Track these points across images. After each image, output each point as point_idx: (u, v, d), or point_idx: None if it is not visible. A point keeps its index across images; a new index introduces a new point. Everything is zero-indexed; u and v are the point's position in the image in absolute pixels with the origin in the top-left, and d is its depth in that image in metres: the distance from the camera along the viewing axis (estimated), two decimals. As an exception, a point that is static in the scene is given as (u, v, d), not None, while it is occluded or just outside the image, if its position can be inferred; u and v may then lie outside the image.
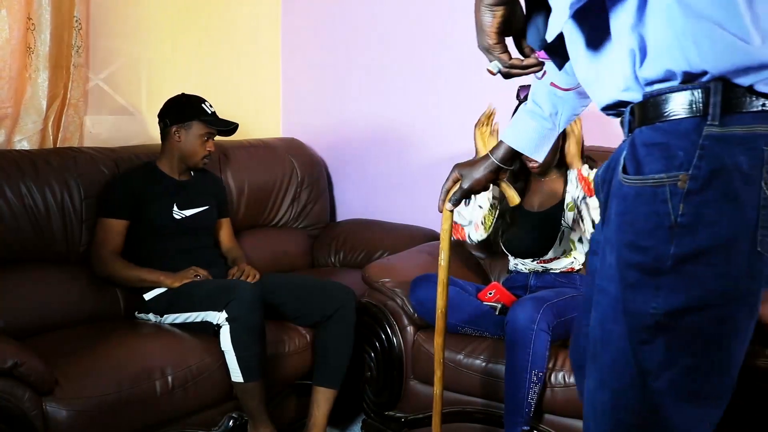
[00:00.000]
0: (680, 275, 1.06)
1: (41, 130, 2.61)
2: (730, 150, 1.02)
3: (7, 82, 2.46)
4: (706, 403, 1.12)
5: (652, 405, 1.11)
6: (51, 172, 2.46)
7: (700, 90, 1.04)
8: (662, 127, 1.07)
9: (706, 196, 1.03)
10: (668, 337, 1.08)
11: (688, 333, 1.08)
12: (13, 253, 2.37)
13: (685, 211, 1.04)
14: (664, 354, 1.09)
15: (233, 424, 2.28)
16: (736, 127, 1.03)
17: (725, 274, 1.05)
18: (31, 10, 2.51)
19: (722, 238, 1.04)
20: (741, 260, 1.05)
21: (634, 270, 1.09)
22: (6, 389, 1.79)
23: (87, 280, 2.48)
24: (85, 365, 2.04)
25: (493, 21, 1.21)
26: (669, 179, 1.05)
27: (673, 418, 1.11)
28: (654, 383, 1.10)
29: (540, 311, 2.11)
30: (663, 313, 1.07)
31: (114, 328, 2.36)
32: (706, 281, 1.05)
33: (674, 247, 1.05)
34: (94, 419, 1.94)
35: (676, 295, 1.06)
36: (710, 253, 1.04)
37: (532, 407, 2.10)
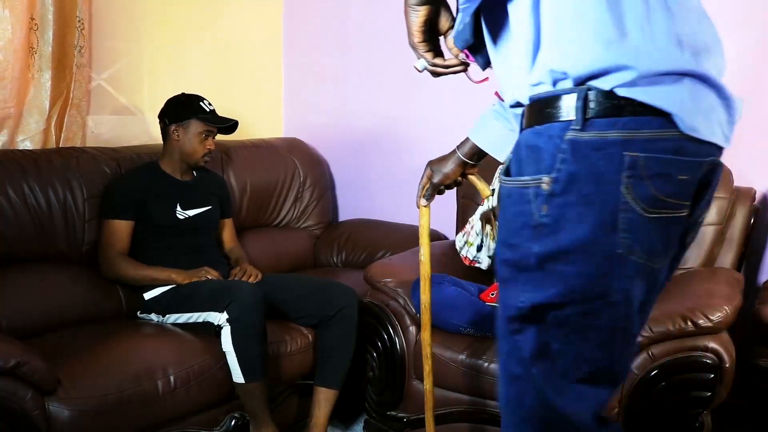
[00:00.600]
0: (544, 272, 1.10)
1: (44, 130, 2.62)
2: (590, 155, 1.05)
3: (10, 82, 2.46)
4: (589, 385, 1.16)
5: (538, 389, 1.17)
6: (53, 171, 2.46)
7: (569, 94, 1.06)
8: (539, 130, 1.09)
9: (566, 199, 1.06)
10: (537, 327, 1.14)
11: (554, 325, 1.13)
12: (16, 252, 2.37)
13: (548, 212, 1.08)
14: (536, 342, 1.15)
15: (235, 424, 2.28)
16: (594, 133, 1.05)
17: (587, 273, 1.08)
18: (34, 11, 2.52)
19: (582, 240, 1.07)
20: (602, 261, 1.08)
21: (507, 266, 1.15)
22: (9, 389, 1.79)
23: (89, 279, 2.48)
24: (87, 365, 2.05)
25: (417, 20, 1.26)
26: (534, 181, 1.08)
27: (556, 401, 1.17)
28: (533, 369, 1.16)
29: None
30: (529, 307, 1.12)
31: (116, 327, 2.36)
32: (568, 279, 1.09)
33: (537, 246, 1.09)
34: (97, 419, 1.94)
35: (541, 291, 1.11)
36: (571, 253, 1.08)
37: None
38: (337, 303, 2.45)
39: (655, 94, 1.04)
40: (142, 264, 2.49)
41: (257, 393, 2.23)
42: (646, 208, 1.06)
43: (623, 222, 1.06)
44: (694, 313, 2.04)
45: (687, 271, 2.47)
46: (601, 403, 1.20)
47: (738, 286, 2.31)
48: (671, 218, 1.09)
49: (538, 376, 1.17)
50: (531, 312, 1.13)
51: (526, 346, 1.16)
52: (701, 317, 2.03)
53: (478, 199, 2.70)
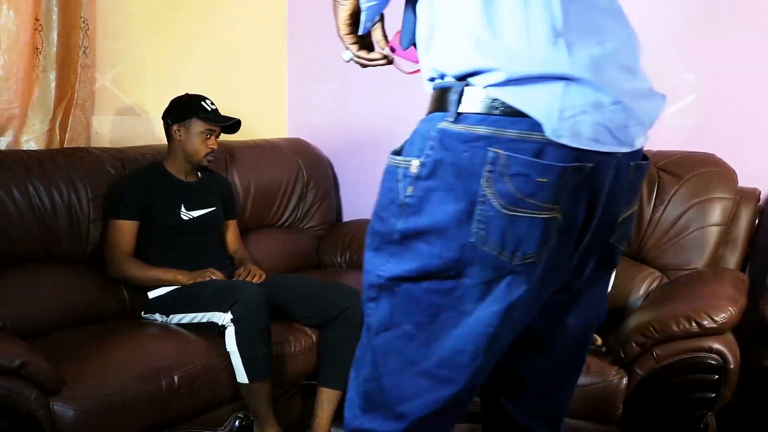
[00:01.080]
0: (405, 248, 1.16)
1: (48, 130, 2.62)
2: (456, 146, 1.10)
3: (15, 82, 2.46)
4: (427, 378, 1.19)
5: (374, 361, 1.22)
6: (58, 172, 2.46)
7: (450, 89, 1.12)
8: (426, 118, 1.16)
9: (430, 184, 1.12)
10: (392, 300, 1.19)
11: (408, 299, 1.17)
12: (20, 252, 2.38)
13: (412, 193, 1.14)
14: (387, 315, 1.20)
15: (239, 424, 2.28)
16: (465, 126, 1.10)
17: (441, 255, 1.13)
18: (39, 11, 2.52)
19: (440, 224, 1.12)
20: (456, 247, 1.12)
21: (375, 236, 1.21)
22: (13, 389, 1.79)
23: (94, 279, 2.49)
24: (91, 365, 2.05)
25: (343, 14, 1.33)
26: (405, 163, 1.14)
27: (386, 379, 1.21)
28: (374, 340, 1.22)
29: None
30: (388, 278, 1.18)
31: (120, 327, 2.37)
32: (424, 258, 1.14)
33: (401, 223, 1.16)
34: (101, 419, 1.94)
35: (400, 265, 1.17)
36: (428, 234, 1.14)
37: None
38: (341, 303, 2.44)
39: (521, 96, 1.07)
40: (147, 264, 2.49)
41: (261, 393, 2.23)
42: (504, 205, 1.09)
43: (479, 214, 1.10)
44: (699, 314, 2.03)
45: (691, 272, 2.46)
46: (437, 409, 1.20)
47: (742, 286, 2.31)
48: (536, 219, 1.10)
49: (378, 349, 1.21)
50: (388, 282, 1.18)
51: (375, 316, 1.21)
52: (706, 318, 2.03)
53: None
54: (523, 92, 1.07)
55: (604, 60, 1.11)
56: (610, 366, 2.15)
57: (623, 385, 2.11)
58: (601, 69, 1.10)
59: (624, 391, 2.11)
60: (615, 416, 2.13)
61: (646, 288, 2.52)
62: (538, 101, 1.07)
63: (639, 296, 2.51)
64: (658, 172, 2.58)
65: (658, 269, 2.54)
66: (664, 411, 2.07)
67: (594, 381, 2.14)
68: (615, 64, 1.12)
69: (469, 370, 1.20)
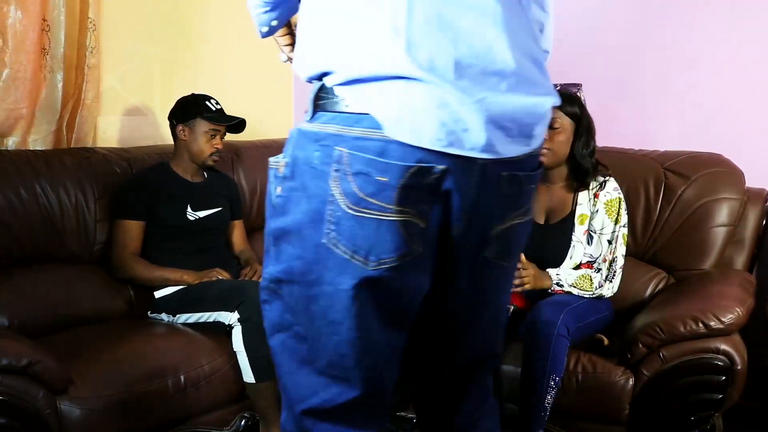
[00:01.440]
0: (277, 249, 1.19)
1: (55, 130, 2.63)
2: (309, 145, 1.12)
3: (23, 83, 2.47)
4: (323, 376, 1.21)
5: (275, 362, 1.27)
6: (65, 172, 2.47)
7: (312, 88, 1.16)
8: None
9: (292, 184, 1.15)
10: (280, 301, 1.22)
11: (290, 301, 1.20)
12: (28, 252, 2.38)
13: (280, 193, 1.17)
14: (278, 316, 1.23)
15: (245, 424, 2.29)
16: (318, 124, 1.12)
17: (301, 257, 1.16)
18: (46, 12, 2.52)
19: (298, 224, 1.15)
20: (312, 247, 1.14)
21: (265, 238, 1.24)
22: (20, 388, 1.80)
23: (100, 279, 2.49)
24: (98, 364, 2.06)
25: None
26: (275, 164, 1.18)
27: (286, 378, 1.26)
28: (270, 341, 1.26)
29: (560, 316, 2.09)
30: (269, 278, 1.22)
31: (127, 327, 2.37)
32: (290, 259, 1.17)
33: (273, 223, 1.19)
34: (108, 418, 1.95)
35: (275, 266, 1.20)
36: (290, 235, 1.16)
37: (548, 411, 2.09)
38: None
39: (362, 95, 1.08)
40: (153, 264, 2.50)
41: (268, 393, 2.23)
42: (348, 205, 1.09)
43: (329, 214, 1.11)
44: (706, 315, 2.03)
45: (698, 273, 2.45)
46: (337, 407, 1.22)
47: (750, 287, 2.30)
48: (383, 221, 1.09)
49: (275, 349, 1.26)
50: (272, 284, 1.22)
51: (268, 317, 1.26)
52: (713, 319, 2.02)
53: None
54: (363, 90, 1.08)
55: (457, 60, 1.08)
56: (616, 366, 2.15)
57: (630, 386, 2.11)
58: (451, 69, 1.07)
59: (630, 391, 2.11)
60: (621, 417, 2.13)
61: (653, 289, 2.52)
62: (377, 100, 1.08)
63: (645, 297, 2.51)
64: (665, 172, 2.57)
65: (664, 270, 2.54)
66: (671, 412, 2.06)
67: (601, 381, 2.13)
68: (473, 65, 1.09)
69: (359, 373, 1.20)
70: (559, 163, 2.35)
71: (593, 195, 2.32)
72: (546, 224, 2.39)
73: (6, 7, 2.40)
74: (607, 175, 2.34)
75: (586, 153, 2.32)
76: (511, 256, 1.28)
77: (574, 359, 2.15)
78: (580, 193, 2.35)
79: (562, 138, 2.30)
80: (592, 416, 2.17)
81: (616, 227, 2.29)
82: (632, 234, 2.58)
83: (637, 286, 2.53)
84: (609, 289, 2.28)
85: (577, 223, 2.33)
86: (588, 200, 2.33)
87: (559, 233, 2.35)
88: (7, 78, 2.43)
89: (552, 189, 2.40)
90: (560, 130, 2.29)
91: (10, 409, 1.78)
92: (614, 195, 2.31)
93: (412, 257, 1.13)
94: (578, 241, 2.33)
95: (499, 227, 1.20)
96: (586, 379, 2.15)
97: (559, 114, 2.29)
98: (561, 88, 2.34)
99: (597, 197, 2.31)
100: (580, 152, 2.32)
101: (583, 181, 2.34)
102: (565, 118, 2.30)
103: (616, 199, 2.30)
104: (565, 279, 2.28)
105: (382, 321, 1.18)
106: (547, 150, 2.29)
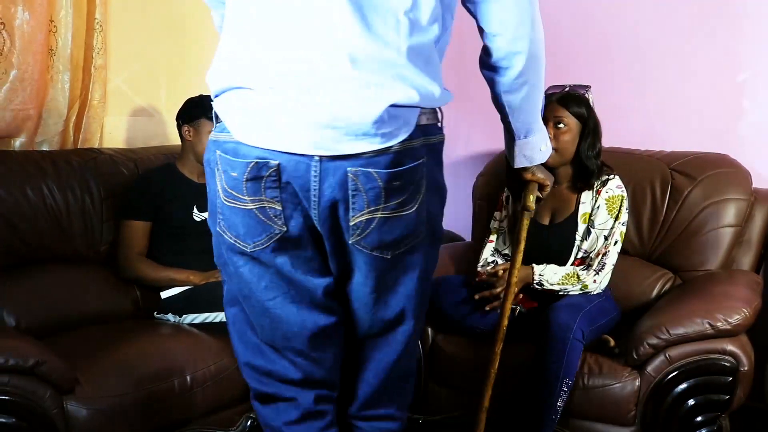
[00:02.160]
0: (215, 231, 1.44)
1: (62, 131, 2.64)
2: (208, 150, 1.38)
3: (30, 83, 2.48)
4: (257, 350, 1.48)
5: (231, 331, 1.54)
6: (71, 172, 2.48)
7: None
8: None
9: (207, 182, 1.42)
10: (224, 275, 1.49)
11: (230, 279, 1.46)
12: (34, 252, 2.39)
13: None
14: (228, 292, 1.51)
15: (251, 425, 2.29)
16: (216, 132, 1.37)
17: (215, 243, 1.45)
18: (54, 13, 2.53)
19: (209, 216, 1.44)
20: (215, 234, 1.43)
21: None
22: (27, 388, 1.80)
23: (106, 279, 2.50)
24: (105, 364, 2.06)
25: None
26: None
27: (236, 347, 1.54)
28: (226, 313, 1.54)
29: (576, 320, 2.08)
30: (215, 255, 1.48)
31: (133, 327, 2.38)
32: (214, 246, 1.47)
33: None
34: (114, 418, 1.95)
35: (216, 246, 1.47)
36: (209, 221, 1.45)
37: (558, 414, 2.09)
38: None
39: (219, 106, 1.35)
40: (159, 265, 2.50)
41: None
42: (224, 198, 1.35)
43: (218, 206, 1.37)
44: (713, 316, 2.03)
45: (705, 274, 2.45)
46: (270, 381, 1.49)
47: (757, 288, 2.30)
48: (244, 210, 1.33)
49: (228, 320, 1.53)
50: (217, 260, 1.48)
51: (225, 290, 1.52)
52: (719, 320, 2.02)
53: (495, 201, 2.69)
54: (219, 102, 1.36)
55: (281, 69, 1.26)
56: (622, 367, 2.15)
57: (636, 387, 2.11)
58: (277, 77, 1.26)
59: (637, 392, 2.11)
60: (628, 418, 2.12)
61: (659, 289, 2.51)
62: (225, 108, 1.34)
63: (652, 297, 2.50)
64: (671, 172, 2.57)
65: (671, 270, 2.53)
66: (678, 413, 2.06)
67: (607, 382, 2.13)
68: (287, 68, 1.26)
69: (284, 353, 1.46)
70: (563, 163, 2.35)
71: (596, 192, 2.32)
72: (550, 224, 2.40)
73: (14, 8, 2.41)
74: (611, 174, 2.34)
75: (592, 154, 2.32)
76: (384, 247, 1.35)
77: (580, 360, 2.14)
78: (583, 193, 2.35)
79: (568, 138, 2.30)
80: (599, 417, 2.16)
81: (615, 224, 2.28)
82: (638, 234, 2.57)
83: (644, 286, 2.52)
84: (596, 283, 2.27)
85: (580, 223, 2.33)
86: (591, 198, 2.33)
87: (563, 233, 2.35)
88: (14, 79, 2.44)
89: (556, 189, 2.38)
90: (566, 129, 2.29)
91: (18, 409, 1.78)
92: (617, 192, 2.31)
93: (282, 235, 1.34)
94: (582, 240, 2.33)
95: (357, 218, 1.31)
96: (592, 379, 2.14)
97: (566, 114, 2.29)
98: (570, 89, 2.35)
99: (599, 194, 2.31)
100: (585, 153, 2.31)
101: (587, 182, 2.34)
102: (572, 118, 2.30)
103: (618, 197, 2.30)
104: (548, 279, 2.28)
105: (286, 297, 1.40)
106: (552, 150, 2.28)
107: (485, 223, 2.70)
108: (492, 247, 2.51)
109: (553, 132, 2.28)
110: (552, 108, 2.30)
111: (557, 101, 2.31)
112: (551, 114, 2.29)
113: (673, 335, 2.04)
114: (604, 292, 2.31)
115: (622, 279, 2.46)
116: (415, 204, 1.33)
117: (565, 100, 2.31)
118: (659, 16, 2.78)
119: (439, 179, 1.40)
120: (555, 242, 2.36)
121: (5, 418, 1.77)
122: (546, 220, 2.40)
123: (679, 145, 2.71)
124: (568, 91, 2.34)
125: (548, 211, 2.41)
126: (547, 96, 2.33)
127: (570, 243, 2.33)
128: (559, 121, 2.29)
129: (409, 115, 1.28)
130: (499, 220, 2.52)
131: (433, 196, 1.37)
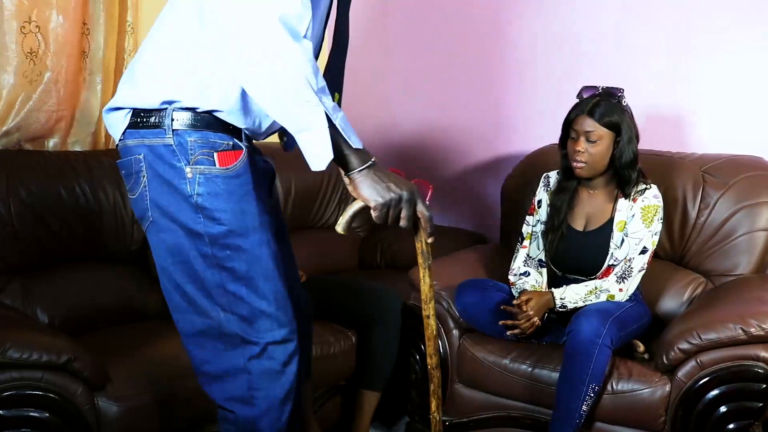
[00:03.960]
0: None
1: (94, 132, 2.68)
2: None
3: (63, 86, 2.52)
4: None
5: None
6: (103, 172, 2.51)
7: None
8: None
9: None
10: None
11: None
12: (67, 251, 2.43)
13: None
14: None
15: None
16: None
17: None
18: (86, 16, 2.57)
19: None
20: None
21: None
22: (60, 384, 1.84)
23: (138, 278, 2.53)
24: (136, 362, 2.09)
25: None
26: None
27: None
28: None
29: (606, 326, 2.07)
30: None
31: (164, 326, 2.38)
32: None
33: None
34: (144, 415, 1.98)
35: None
36: None
37: (583, 418, 2.08)
38: (382, 305, 2.45)
39: None
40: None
41: (303, 394, 2.23)
42: None
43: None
44: (745, 321, 1.99)
45: (737, 278, 2.41)
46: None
47: (791, 293, 2.26)
48: None
49: None
50: None
51: None
52: (753, 325, 1.98)
53: (525, 203, 2.67)
54: None
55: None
56: (653, 372, 2.12)
57: (666, 392, 2.08)
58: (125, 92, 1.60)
59: (667, 398, 2.08)
60: (658, 424, 2.10)
61: (690, 294, 2.48)
62: None
63: (682, 302, 2.47)
64: (703, 175, 2.53)
65: (702, 275, 2.50)
66: (709, 420, 2.03)
67: (636, 387, 2.11)
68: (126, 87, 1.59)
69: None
70: (597, 174, 2.33)
71: (632, 200, 2.29)
72: (585, 230, 2.37)
73: (48, 12, 2.45)
74: (648, 184, 2.31)
75: (628, 162, 2.28)
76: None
77: (609, 364, 2.12)
78: (619, 201, 2.32)
79: (598, 149, 2.26)
80: (628, 422, 2.14)
81: (647, 232, 2.26)
82: (669, 238, 2.54)
83: (674, 290, 2.49)
84: (623, 292, 2.25)
85: (616, 230, 2.30)
86: (627, 207, 2.30)
87: (597, 240, 2.33)
88: (48, 81, 2.48)
89: (593, 195, 2.38)
90: (598, 143, 2.26)
91: (51, 405, 1.82)
92: (653, 201, 2.28)
93: None
94: (616, 247, 2.31)
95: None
96: (622, 384, 2.12)
97: (596, 127, 2.24)
98: (603, 90, 2.30)
99: (635, 201, 2.28)
100: (621, 161, 2.28)
101: (624, 190, 2.31)
102: (603, 129, 2.25)
103: (653, 206, 2.27)
104: (570, 299, 2.26)
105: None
106: (584, 163, 2.28)
107: (514, 226, 2.69)
108: (525, 254, 2.48)
109: (584, 145, 2.25)
110: (581, 121, 2.27)
111: (588, 113, 2.27)
112: (581, 128, 2.27)
113: (704, 340, 2.01)
114: (634, 296, 2.28)
115: (653, 283, 2.43)
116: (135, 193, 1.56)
117: (594, 111, 2.26)
118: (695, 16, 2.74)
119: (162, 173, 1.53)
120: (589, 249, 2.33)
121: (38, 413, 1.80)
122: (580, 226, 2.38)
123: (711, 148, 2.67)
124: (599, 99, 2.28)
125: (583, 217, 2.39)
126: (580, 100, 2.30)
127: (604, 250, 2.31)
128: (588, 136, 2.26)
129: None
130: (532, 225, 2.50)
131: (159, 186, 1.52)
